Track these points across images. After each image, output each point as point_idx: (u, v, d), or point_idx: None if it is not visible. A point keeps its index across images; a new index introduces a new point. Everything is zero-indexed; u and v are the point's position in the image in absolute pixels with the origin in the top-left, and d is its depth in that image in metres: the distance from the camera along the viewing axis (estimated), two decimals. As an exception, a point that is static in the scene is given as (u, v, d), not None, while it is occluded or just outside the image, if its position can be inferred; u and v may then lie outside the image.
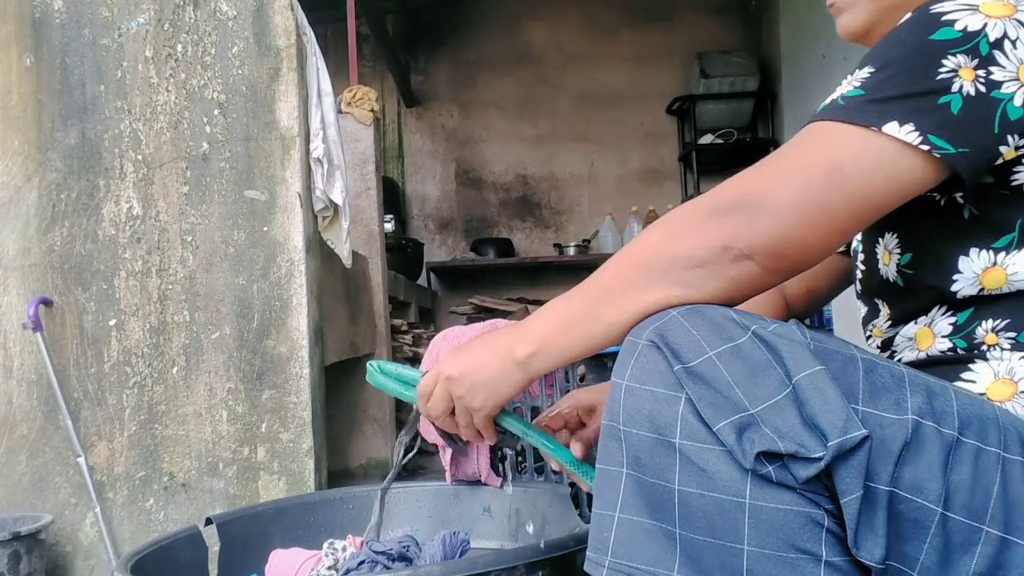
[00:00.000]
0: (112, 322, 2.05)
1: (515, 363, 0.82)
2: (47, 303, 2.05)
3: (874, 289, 0.89)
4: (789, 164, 0.70)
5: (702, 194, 0.74)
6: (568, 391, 1.61)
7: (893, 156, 0.68)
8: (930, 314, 0.80)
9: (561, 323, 0.79)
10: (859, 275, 0.92)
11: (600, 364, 1.65)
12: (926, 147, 0.67)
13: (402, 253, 4.28)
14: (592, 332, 0.76)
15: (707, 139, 4.99)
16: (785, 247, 0.69)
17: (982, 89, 0.68)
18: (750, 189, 0.70)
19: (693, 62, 5.03)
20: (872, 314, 0.92)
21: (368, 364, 1.01)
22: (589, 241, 5.07)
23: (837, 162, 0.68)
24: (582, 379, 1.72)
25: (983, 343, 0.75)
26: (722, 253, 0.69)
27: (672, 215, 0.74)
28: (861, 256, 0.91)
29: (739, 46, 5.17)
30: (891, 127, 0.68)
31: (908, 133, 0.68)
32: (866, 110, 0.69)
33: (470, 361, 0.86)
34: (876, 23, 0.87)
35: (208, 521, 1.33)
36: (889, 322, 0.86)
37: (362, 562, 1.23)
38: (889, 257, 0.83)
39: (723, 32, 5.29)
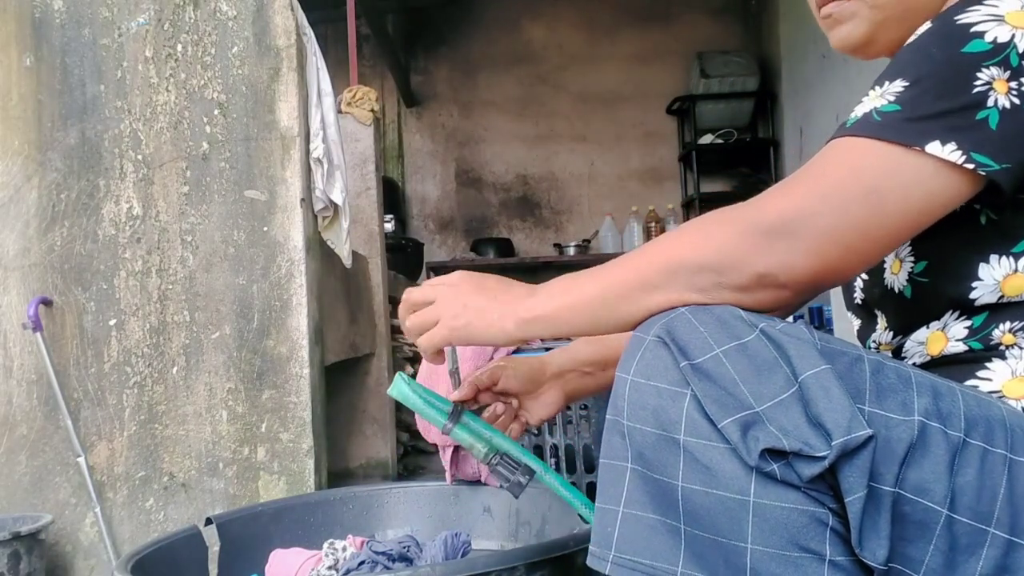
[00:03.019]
0: (112, 322, 2.05)
1: (513, 314, 0.80)
2: (47, 303, 2.05)
3: (874, 299, 0.88)
4: (828, 186, 0.69)
5: (734, 204, 0.72)
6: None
7: (933, 175, 0.67)
8: (943, 319, 0.79)
9: (573, 302, 0.78)
10: (860, 285, 0.91)
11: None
12: (971, 166, 0.67)
13: (402, 253, 4.28)
14: (600, 318, 0.76)
15: (707, 139, 4.99)
16: (820, 273, 0.69)
17: (1016, 101, 0.67)
18: (789, 213, 0.68)
19: (693, 62, 5.03)
20: (868, 327, 0.91)
21: (398, 374, 0.99)
22: (589, 241, 5.07)
23: (876, 184, 0.67)
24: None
25: (1000, 344, 0.75)
26: (759, 280, 0.68)
27: (705, 223, 0.73)
28: None
29: (739, 46, 5.17)
30: (933, 147, 0.67)
31: (951, 152, 0.67)
32: (905, 128, 0.68)
33: (477, 288, 0.84)
34: (877, 34, 0.84)
35: (208, 521, 1.33)
36: (891, 333, 0.86)
37: (362, 562, 1.23)
38: (900, 265, 0.82)
39: (723, 32, 5.29)
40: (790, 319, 1.03)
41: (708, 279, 0.69)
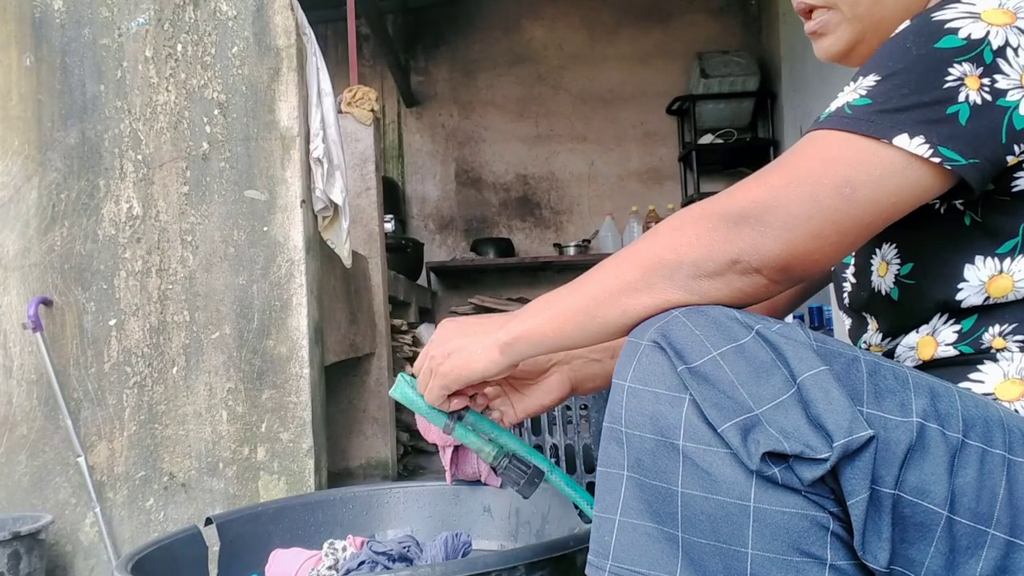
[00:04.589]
0: (112, 322, 2.05)
1: (495, 342, 0.82)
2: (47, 303, 2.05)
3: (862, 302, 0.88)
4: (799, 176, 0.69)
5: (708, 197, 0.73)
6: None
7: (903, 168, 0.68)
8: (931, 323, 0.79)
9: (555, 316, 0.78)
10: (848, 287, 0.91)
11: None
12: (937, 159, 0.67)
13: (402, 253, 4.28)
14: (586, 328, 0.75)
15: (707, 139, 4.99)
16: (791, 260, 0.69)
17: (988, 98, 0.67)
18: (760, 201, 0.69)
19: (693, 62, 5.03)
20: (859, 327, 0.91)
21: (400, 375, 1.00)
22: (589, 241, 5.07)
23: (847, 175, 0.68)
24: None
25: (991, 347, 0.75)
26: (731, 266, 0.69)
27: (679, 219, 0.73)
28: (852, 268, 0.90)
29: (739, 46, 5.17)
30: (901, 139, 0.67)
31: (919, 146, 0.67)
32: (875, 121, 0.68)
33: (458, 330, 0.87)
34: (857, 44, 0.87)
35: (208, 521, 1.33)
36: (880, 335, 0.86)
37: (362, 562, 1.23)
38: (886, 268, 0.82)
39: (723, 32, 5.29)
40: (790, 318, 1.03)
41: (686, 272, 0.70)
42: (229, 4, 2.09)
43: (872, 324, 0.88)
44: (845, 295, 0.92)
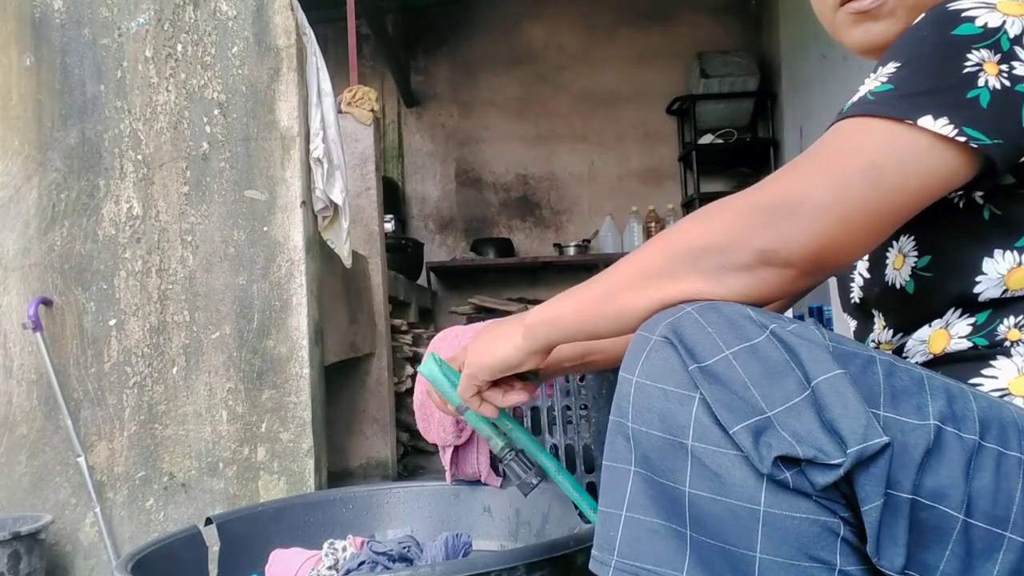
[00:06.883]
0: (112, 322, 2.05)
1: (521, 325, 0.83)
2: (47, 303, 2.05)
3: (874, 298, 0.87)
4: (826, 163, 0.69)
5: (743, 190, 0.72)
6: (568, 392, 1.62)
7: (929, 150, 0.67)
8: (944, 317, 0.78)
9: (577, 301, 0.78)
10: (860, 283, 0.90)
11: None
12: (962, 139, 0.66)
13: (402, 253, 4.28)
14: (606, 312, 0.74)
15: (707, 139, 4.99)
16: (823, 250, 0.67)
17: (1007, 83, 0.68)
18: (788, 190, 0.68)
19: (693, 62, 5.03)
20: (865, 327, 0.90)
21: (431, 354, 1.03)
22: (589, 241, 5.07)
23: (873, 159, 0.67)
24: (582, 379, 1.72)
25: (1005, 339, 0.74)
26: (758, 256, 0.67)
27: (709, 210, 0.72)
28: (865, 264, 0.89)
29: (739, 46, 5.17)
30: (925, 120, 0.67)
31: (943, 126, 0.67)
32: (898, 104, 0.68)
33: (490, 328, 0.90)
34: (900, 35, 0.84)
35: (208, 521, 1.33)
36: (891, 331, 0.85)
37: (362, 562, 1.23)
38: (903, 261, 0.81)
39: (723, 32, 5.29)
40: (788, 314, 1.02)
41: (712, 261, 0.68)
42: (229, 4, 2.09)
43: (880, 321, 0.87)
44: (854, 293, 0.91)
